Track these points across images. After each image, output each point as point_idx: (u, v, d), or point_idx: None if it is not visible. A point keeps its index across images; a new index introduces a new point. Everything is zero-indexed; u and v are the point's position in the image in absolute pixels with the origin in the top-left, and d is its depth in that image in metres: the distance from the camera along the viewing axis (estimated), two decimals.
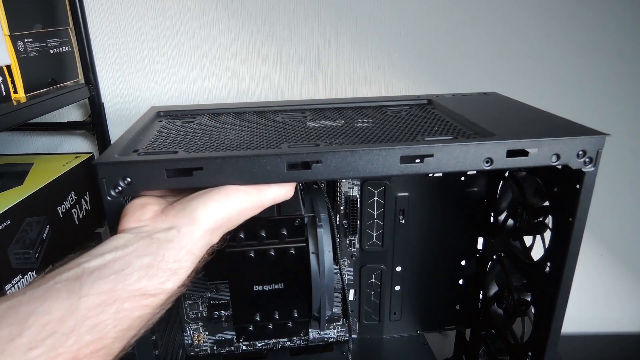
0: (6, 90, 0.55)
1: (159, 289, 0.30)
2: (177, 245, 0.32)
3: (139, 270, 0.30)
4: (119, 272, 0.29)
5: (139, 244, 0.31)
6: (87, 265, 0.29)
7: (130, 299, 0.29)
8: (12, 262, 0.52)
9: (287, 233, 0.46)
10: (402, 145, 0.38)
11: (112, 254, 0.30)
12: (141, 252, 0.30)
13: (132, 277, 0.29)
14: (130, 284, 0.29)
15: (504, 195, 0.56)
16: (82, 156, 0.69)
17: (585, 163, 0.40)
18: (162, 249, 0.31)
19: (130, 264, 0.30)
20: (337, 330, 0.64)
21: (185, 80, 0.78)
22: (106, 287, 0.28)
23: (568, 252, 0.43)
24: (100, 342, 0.27)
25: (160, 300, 0.31)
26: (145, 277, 0.30)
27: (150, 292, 0.30)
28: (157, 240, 0.32)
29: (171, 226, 0.33)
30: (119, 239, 0.32)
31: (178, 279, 0.32)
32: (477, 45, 0.80)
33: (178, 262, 0.32)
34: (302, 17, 0.76)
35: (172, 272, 0.31)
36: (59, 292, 0.26)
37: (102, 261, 0.29)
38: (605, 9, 0.79)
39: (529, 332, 0.51)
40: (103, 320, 0.27)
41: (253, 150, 0.38)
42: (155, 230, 0.33)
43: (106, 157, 0.37)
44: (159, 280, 0.30)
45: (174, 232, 0.33)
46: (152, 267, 0.30)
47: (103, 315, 0.27)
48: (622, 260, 0.98)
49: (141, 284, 0.29)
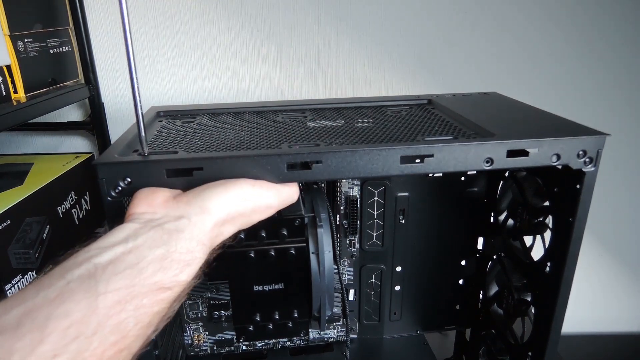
0: (6, 90, 0.55)
1: (174, 281, 0.29)
2: (188, 235, 0.31)
3: (153, 262, 0.28)
4: (134, 265, 0.27)
5: (150, 234, 0.30)
6: (99, 260, 0.27)
7: (148, 294, 0.27)
8: (12, 262, 0.52)
9: (287, 233, 0.46)
10: (402, 145, 0.38)
11: (122, 246, 0.28)
12: (153, 244, 0.29)
13: (148, 271, 0.28)
14: (146, 278, 0.28)
15: (504, 195, 0.56)
16: (82, 156, 0.69)
17: (586, 163, 0.40)
18: (174, 239, 0.30)
19: (143, 256, 0.28)
20: (337, 330, 0.64)
21: (185, 80, 0.78)
22: (123, 282, 0.26)
23: (568, 252, 0.43)
24: (122, 341, 0.26)
25: (175, 294, 0.30)
26: (160, 269, 0.28)
27: (166, 285, 0.29)
28: (168, 230, 0.30)
29: (182, 215, 0.32)
30: (127, 229, 0.30)
31: (192, 270, 0.31)
32: (477, 46, 0.80)
33: (191, 252, 0.31)
34: (302, 17, 0.76)
35: (186, 263, 0.30)
36: (74, 292, 0.25)
37: (114, 254, 0.28)
38: (605, 10, 0.79)
39: (529, 332, 0.51)
40: (124, 319, 0.26)
41: (253, 150, 0.38)
42: (165, 219, 0.31)
43: (106, 157, 0.37)
44: (174, 272, 0.29)
45: (185, 222, 0.31)
46: (165, 258, 0.29)
47: (123, 313, 0.26)
48: (622, 260, 0.98)
49: (157, 277, 0.28)
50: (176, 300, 0.30)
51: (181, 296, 0.31)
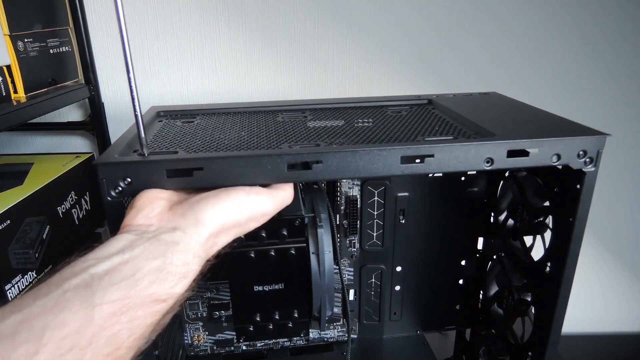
0: (6, 90, 0.55)
1: (169, 293, 0.29)
2: (184, 247, 0.31)
3: (149, 274, 0.28)
4: (130, 277, 0.28)
5: (146, 245, 0.30)
6: (95, 270, 0.27)
7: (143, 305, 0.28)
8: (12, 262, 0.52)
9: (287, 233, 0.46)
10: (403, 146, 0.38)
11: (119, 257, 0.28)
12: (149, 255, 0.29)
13: (144, 282, 0.28)
14: (142, 290, 0.28)
15: (504, 195, 0.56)
16: (82, 156, 0.69)
17: (586, 163, 0.40)
18: (170, 251, 0.30)
19: (139, 267, 0.28)
20: (337, 330, 0.64)
21: (185, 80, 0.78)
22: (119, 294, 0.26)
23: (568, 252, 0.43)
24: (115, 353, 0.26)
25: (168, 306, 0.30)
26: (156, 281, 0.28)
27: (161, 298, 0.29)
28: (165, 241, 0.31)
29: (177, 227, 0.32)
30: (123, 240, 0.30)
31: (186, 283, 0.31)
32: (477, 45, 0.80)
33: (186, 265, 0.31)
34: (302, 17, 0.76)
35: (182, 275, 0.30)
36: (70, 301, 0.25)
37: (111, 265, 0.28)
38: (605, 10, 0.79)
39: (529, 332, 0.51)
40: (119, 331, 0.26)
41: (253, 150, 0.38)
42: (160, 231, 0.32)
43: (106, 157, 0.37)
44: (169, 285, 0.29)
45: (180, 234, 0.31)
46: (161, 270, 0.29)
47: (118, 325, 0.26)
48: (622, 260, 0.98)
49: (152, 288, 0.28)
50: (169, 312, 0.30)
51: (174, 308, 0.31)
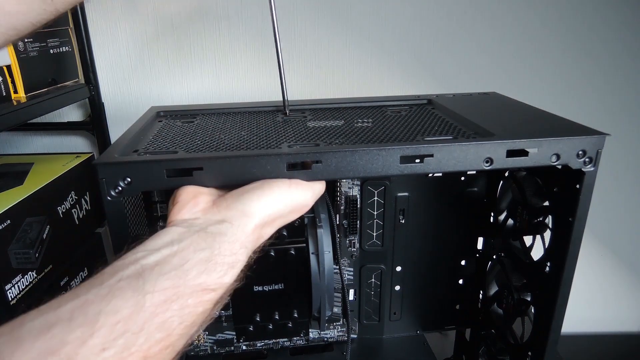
0: (6, 90, 0.55)
1: (218, 283, 0.30)
2: (231, 238, 0.32)
3: (197, 264, 0.29)
4: (179, 267, 0.28)
5: (194, 237, 0.31)
6: (146, 262, 0.28)
7: (192, 294, 0.28)
8: (12, 261, 0.52)
9: (287, 233, 0.46)
10: (402, 145, 0.38)
11: (168, 249, 0.29)
12: (197, 246, 0.30)
13: (192, 272, 0.29)
14: (191, 279, 0.29)
15: (504, 195, 0.56)
16: (82, 156, 0.69)
17: (585, 163, 0.40)
18: (217, 242, 0.31)
19: (188, 258, 0.29)
20: (337, 330, 0.64)
21: (185, 80, 0.79)
22: (168, 283, 0.27)
23: (568, 252, 0.43)
24: (167, 339, 0.27)
25: (218, 295, 0.30)
26: (204, 272, 0.29)
27: (210, 287, 0.30)
28: (211, 233, 0.31)
29: (223, 219, 0.33)
30: (172, 232, 0.31)
31: (235, 273, 0.32)
32: (477, 45, 0.80)
33: (234, 255, 0.32)
34: (303, 17, 0.76)
35: (230, 265, 0.31)
36: (123, 290, 0.26)
37: (160, 256, 0.29)
38: (604, 10, 0.79)
39: (529, 332, 0.51)
40: (169, 317, 0.27)
41: (253, 150, 0.38)
42: (207, 223, 0.32)
43: (106, 157, 0.37)
44: (218, 275, 0.30)
45: (227, 225, 0.32)
46: (209, 261, 0.30)
47: (169, 312, 0.27)
48: (621, 260, 0.98)
49: (201, 278, 0.29)
50: (219, 301, 0.31)
51: (224, 297, 0.32)
